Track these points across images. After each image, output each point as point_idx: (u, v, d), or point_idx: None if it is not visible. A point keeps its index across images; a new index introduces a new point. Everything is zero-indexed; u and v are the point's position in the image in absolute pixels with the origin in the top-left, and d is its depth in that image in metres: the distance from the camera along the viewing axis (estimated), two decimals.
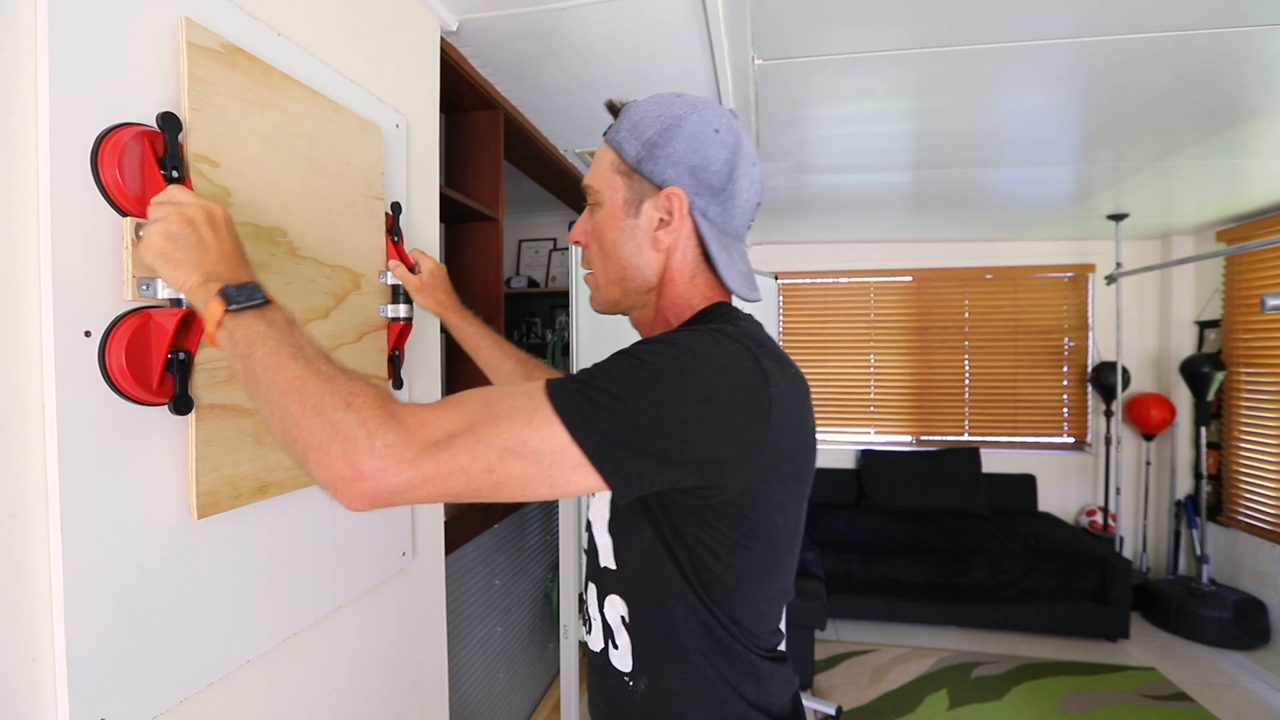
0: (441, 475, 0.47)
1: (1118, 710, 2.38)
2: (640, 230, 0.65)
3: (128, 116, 0.62)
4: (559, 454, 0.49)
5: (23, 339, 0.56)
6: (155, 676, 0.65)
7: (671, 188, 0.63)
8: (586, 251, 0.71)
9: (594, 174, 0.68)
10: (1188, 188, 2.61)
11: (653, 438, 0.49)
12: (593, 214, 0.69)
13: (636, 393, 0.50)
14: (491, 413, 0.49)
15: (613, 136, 0.67)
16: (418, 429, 0.47)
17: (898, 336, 3.89)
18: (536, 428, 0.48)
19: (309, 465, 0.47)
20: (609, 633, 0.67)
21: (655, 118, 0.64)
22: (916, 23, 1.33)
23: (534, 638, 2.06)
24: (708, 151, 0.63)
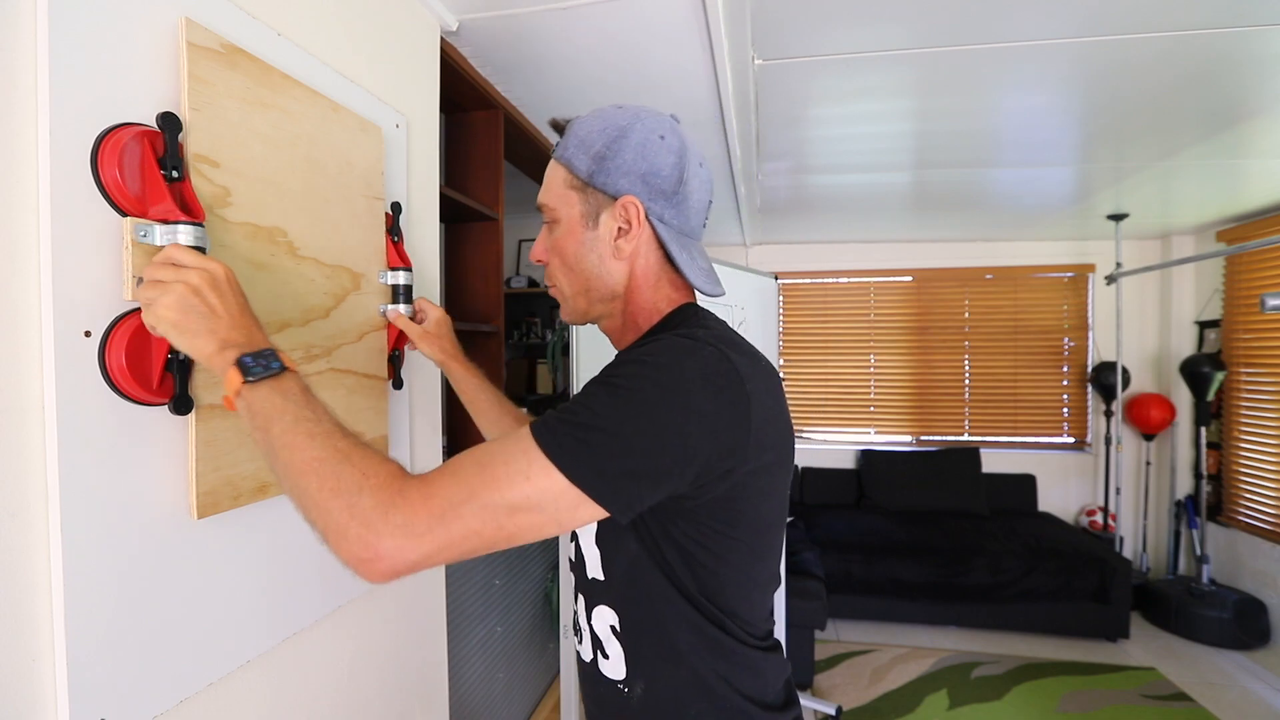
0: (455, 542, 0.50)
1: (1118, 710, 2.38)
2: (600, 241, 0.67)
3: (128, 116, 0.62)
4: (561, 498, 0.51)
5: (23, 339, 0.56)
6: (155, 676, 0.65)
7: (626, 196, 0.65)
8: (549, 268, 0.73)
9: (547, 193, 0.70)
10: (1188, 188, 2.61)
11: (645, 460, 0.52)
12: (551, 231, 0.71)
13: (622, 420, 0.52)
14: (490, 474, 0.51)
15: (561, 154, 0.68)
16: (423, 502, 0.49)
17: (898, 336, 3.89)
18: (535, 480, 0.50)
19: (329, 544, 0.49)
20: (598, 643, 0.68)
21: (600, 131, 0.66)
22: (916, 23, 1.33)
23: (534, 638, 2.06)
24: (656, 158, 0.65)
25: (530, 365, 3.44)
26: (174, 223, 0.63)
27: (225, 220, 0.71)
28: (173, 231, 0.63)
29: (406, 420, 1.13)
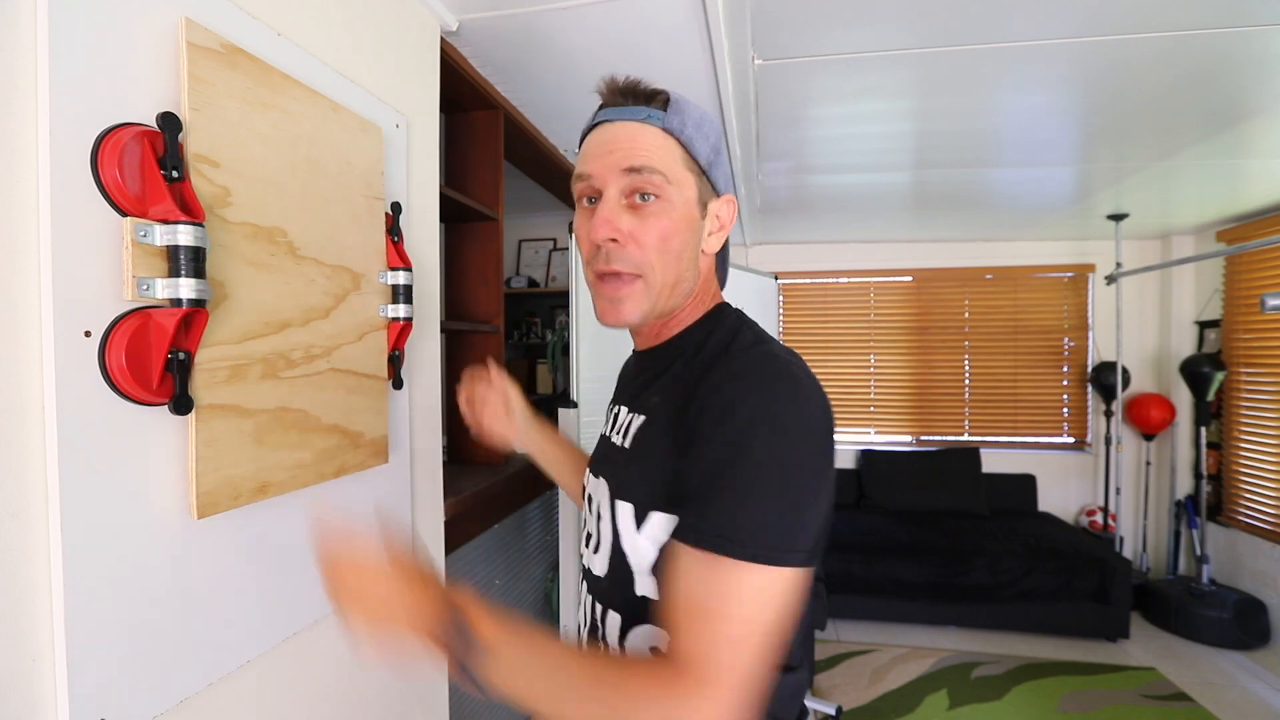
0: (747, 683, 0.47)
1: (1118, 710, 2.38)
2: (701, 234, 0.63)
3: (128, 116, 0.62)
4: (792, 586, 0.50)
5: (23, 339, 0.56)
6: (155, 676, 0.65)
7: (729, 195, 0.64)
8: (631, 248, 0.60)
9: (657, 160, 0.59)
10: (1188, 188, 2.61)
11: (816, 512, 0.51)
12: (645, 211, 0.60)
13: (788, 491, 0.50)
14: (744, 626, 0.48)
15: (678, 129, 0.60)
16: (698, 679, 0.46)
17: (898, 336, 3.89)
18: (773, 595, 0.49)
19: None
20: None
21: (711, 123, 0.63)
22: (916, 23, 1.33)
23: None
24: (729, 167, 0.66)
25: (530, 365, 3.44)
26: (174, 223, 0.63)
27: (225, 220, 0.71)
28: (173, 231, 0.63)
29: (406, 420, 1.13)
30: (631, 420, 0.65)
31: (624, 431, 0.66)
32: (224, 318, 0.71)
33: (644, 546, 0.58)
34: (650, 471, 0.59)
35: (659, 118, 0.60)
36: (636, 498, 0.59)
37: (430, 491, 1.23)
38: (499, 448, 0.92)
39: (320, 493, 0.90)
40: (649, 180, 0.59)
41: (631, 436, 0.63)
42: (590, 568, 0.67)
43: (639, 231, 0.60)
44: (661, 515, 0.57)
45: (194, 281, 0.64)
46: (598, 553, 0.65)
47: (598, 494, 0.66)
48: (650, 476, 0.59)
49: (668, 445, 0.57)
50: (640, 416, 0.64)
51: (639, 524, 0.59)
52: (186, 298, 0.63)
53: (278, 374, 0.79)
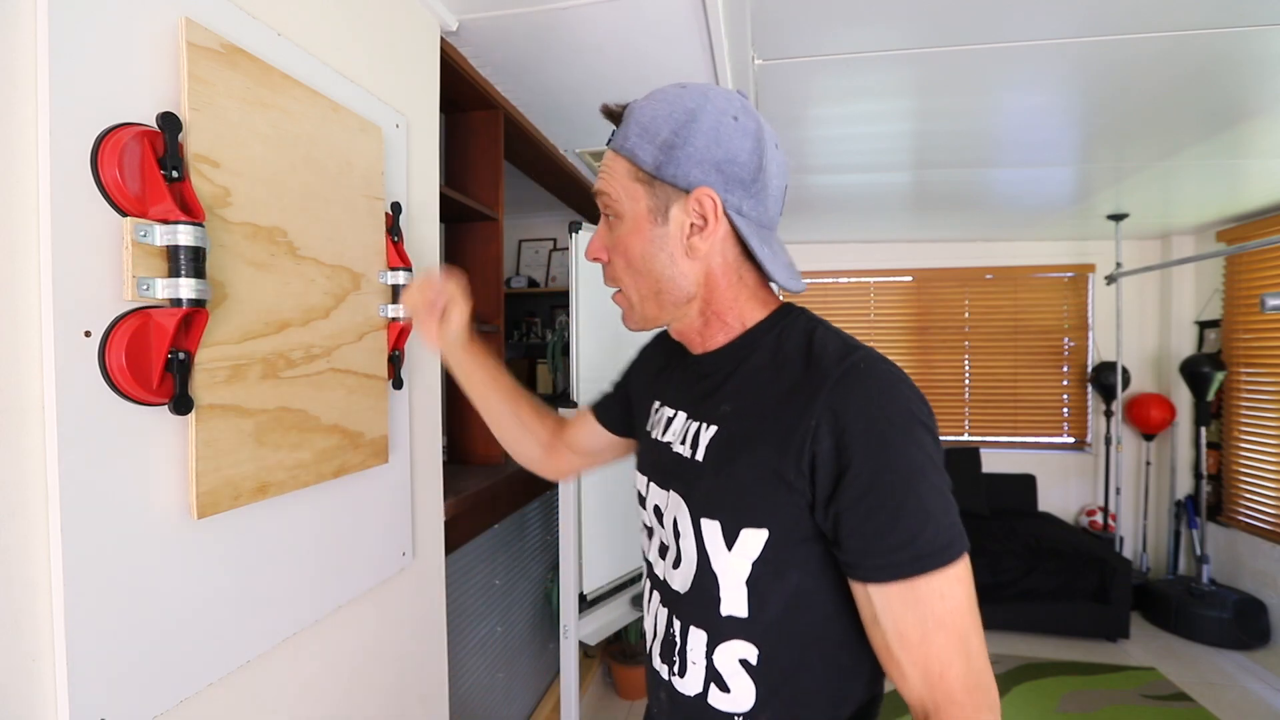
0: (988, 670, 0.52)
1: (1118, 710, 2.38)
2: (671, 238, 0.60)
3: (128, 116, 0.62)
4: (969, 567, 0.53)
5: (23, 339, 0.56)
6: (155, 676, 0.65)
7: (700, 189, 0.58)
8: (609, 268, 0.65)
9: (608, 180, 0.62)
10: (1188, 188, 2.61)
11: (953, 508, 0.54)
12: (612, 227, 0.63)
13: (941, 486, 0.53)
14: (964, 620, 0.51)
15: (621, 144, 0.61)
16: (968, 698, 0.51)
17: (898, 336, 3.89)
18: (968, 581, 0.52)
19: None
20: (715, 677, 0.62)
21: (666, 115, 0.58)
22: (916, 23, 1.33)
23: (534, 638, 2.06)
24: (731, 143, 0.58)
25: (530, 365, 3.44)
26: (174, 223, 0.63)
27: (225, 220, 0.71)
28: (173, 231, 0.63)
29: (406, 420, 1.13)
30: (700, 430, 0.63)
31: (690, 441, 0.64)
32: (224, 318, 0.71)
33: (737, 564, 0.58)
34: (734, 487, 0.58)
35: (617, 137, 0.62)
36: (722, 516, 0.59)
37: (430, 491, 1.23)
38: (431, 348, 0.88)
39: (319, 494, 0.90)
40: (604, 199, 0.63)
41: (704, 449, 0.62)
42: (668, 580, 0.66)
43: (612, 251, 0.64)
44: (751, 531, 0.57)
45: (194, 281, 0.64)
46: (678, 568, 0.64)
47: (671, 509, 0.65)
48: (735, 491, 0.58)
49: (761, 461, 0.56)
50: (711, 427, 0.62)
51: (729, 544, 0.58)
52: (186, 298, 0.63)
53: (278, 374, 0.79)
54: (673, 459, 0.66)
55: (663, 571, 0.67)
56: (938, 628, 0.50)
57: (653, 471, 0.70)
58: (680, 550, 0.63)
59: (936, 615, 0.50)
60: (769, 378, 0.59)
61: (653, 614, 0.69)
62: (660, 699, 0.68)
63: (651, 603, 0.70)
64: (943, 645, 0.50)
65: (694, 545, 0.61)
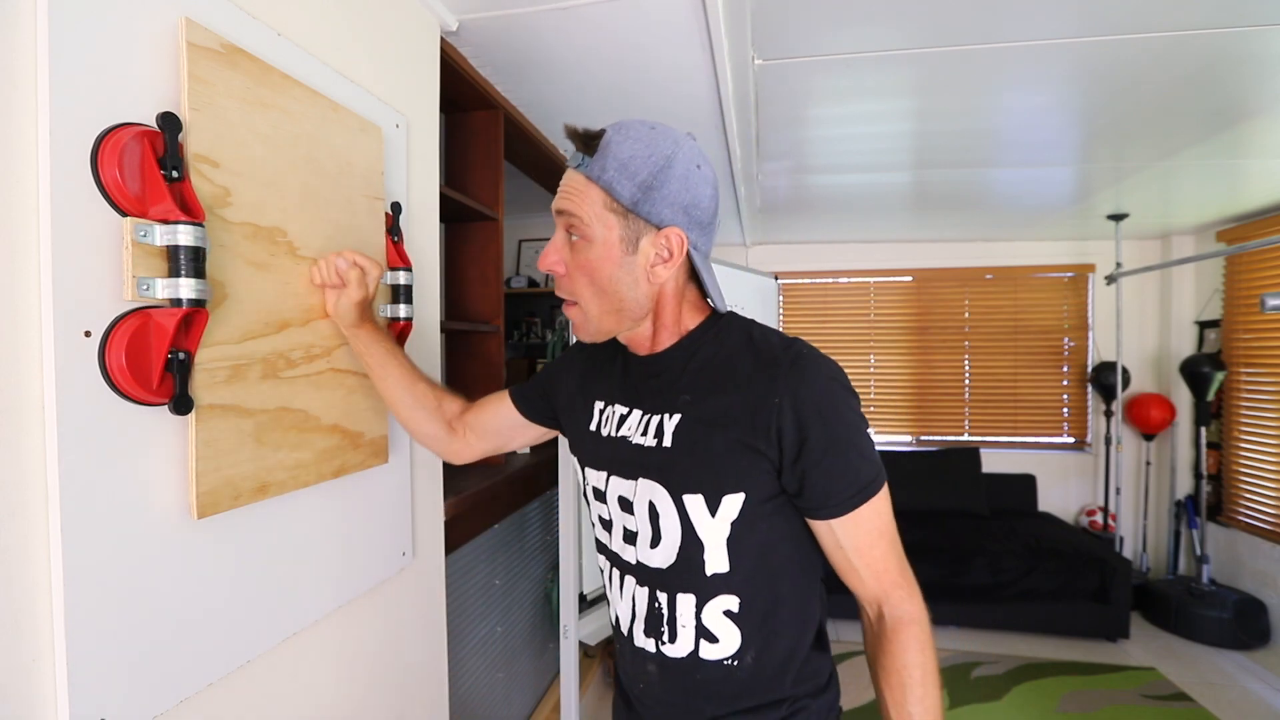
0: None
1: (1118, 710, 2.38)
2: (637, 266, 0.68)
3: (128, 116, 0.62)
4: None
5: (23, 339, 0.56)
6: (155, 676, 0.65)
7: (672, 229, 0.67)
8: (566, 281, 0.71)
9: (577, 204, 0.67)
10: (1188, 188, 2.61)
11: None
12: (575, 247, 0.69)
13: (867, 431, 0.69)
14: (893, 530, 0.69)
15: (599, 175, 0.66)
16: (907, 581, 0.69)
17: (898, 336, 3.89)
18: (888, 499, 0.69)
19: None
20: (703, 633, 0.71)
21: (645, 158, 0.65)
22: (917, 23, 1.33)
23: (534, 638, 2.06)
24: (696, 190, 0.68)
25: (530, 365, 3.44)
26: (174, 223, 0.63)
27: (225, 220, 0.71)
28: (173, 231, 0.63)
29: None
30: (661, 421, 0.71)
31: (653, 431, 0.72)
32: (224, 318, 0.71)
33: (719, 528, 0.68)
34: (710, 461, 0.67)
35: (583, 163, 0.67)
36: (705, 488, 0.67)
37: (430, 491, 1.23)
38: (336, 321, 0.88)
39: (319, 494, 0.90)
40: (570, 222, 0.68)
41: (671, 435, 0.70)
42: (644, 562, 0.73)
43: (573, 267, 0.70)
44: (731, 497, 0.67)
45: (194, 281, 0.64)
46: (657, 546, 0.71)
47: (643, 494, 0.72)
48: (712, 465, 0.67)
49: (733, 437, 0.66)
50: (674, 416, 0.70)
51: (713, 511, 0.68)
52: (186, 298, 0.63)
53: (278, 374, 0.79)
54: (634, 450, 0.73)
55: (635, 555, 0.74)
56: (879, 537, 0.67)
57: (612, 466, 0.76)
58: (660, 529, 0.71)
59: (877, 528, 0.67)
60: (720, 369, 0.70)
61: (628, 598, 0.76)
62: (648, 673, 0.75)
63: (624, 588, 0.76)
64: (884, 549, 0.67)
65: (676, 521, 0.69)
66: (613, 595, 0.79)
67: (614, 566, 0.78)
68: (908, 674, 0.67)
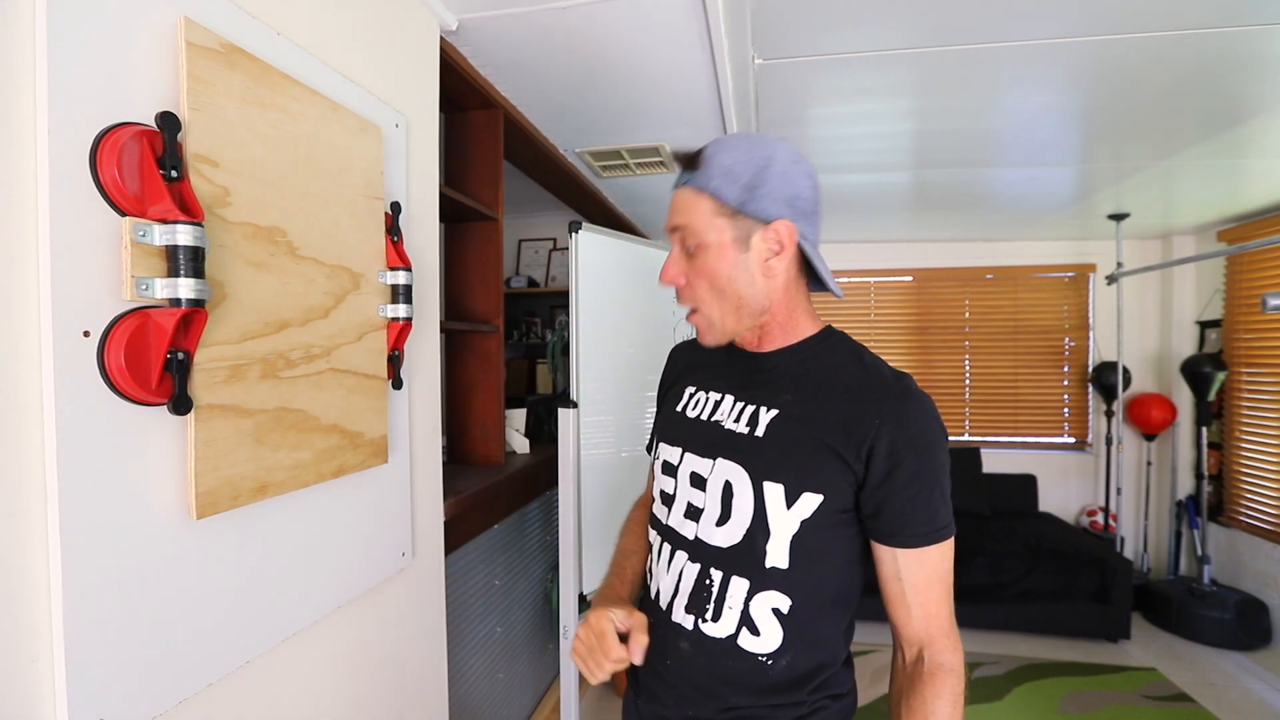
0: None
1: (1119, 711, 2.38)
2: (752, 262, 0.72)
3: (127, 116, 0.62)
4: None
5: (21, 339, 0.56)
6: (154, 677, 0.65)
7: (780, 220, 0.71)
8: (687, 290, 0.76)
9: (688, 217, 0.73)
10: (1189, 187, 2.61)
11: None
12: (692, 256, 0.74)
13: (949, 482, 0.72)
14: (950, 579, 0.72)
15: (705, 184, 0.71)
16: (952, 630, 0.72)
17: (898, 336, 3.89)
18: (951, 564, 0.72)
19: None
20: (747, 621, 0.73)
21: (746, 162, 0.71)
22: (917, 23, 1.33)
23: (534, 638, 2.06)
24: (798, 183, 0.73)
25: (530, 365, 3.44)
26: (173, 222, 0.63)
27: (225, 220, 0.71)
28: (172, 231, 0.63)
29: (406, 420, 1.13)
30: (758, 411, 0.75)
31: (747, 420, 0.75)
32: (223, 318, 0.71)
33: (790, 523, 0.70)
34: (797, 459, 0.71)
35: (689, 178, 0.73)
36: (786, 479, 0.70)
37: (430, 491, 1.23)
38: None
39: (318, 494, 0.90)
40: (686, 235, 0.74)
41: (764, 426, 0.73)
42: (704, 539, 0.76)
43: (692, 276, 0.75)
44: (810, 495, 0.70)
45: (193, 281, 0.64)
46: (723, 525, 0.74)
47: (719, 474, 0.75)
48: (798, 461, 0.70)
49: (825, 441, 0.70)
50: (771, 410, 0.74)
51: (790, 503, 0.70)
52: (186, 298, 0.63)
53: (277, 374, 0.79)
54: (723, 434, 0.76)
55: (695, 531, 0.77)
56: (938, 581, 0.70)
57: (691, 444, 0.80)
58: (731, 509, 0.74)
59: (938, 573, 0.70)
60: (826, 378, 0.73)
61: (674, 573, 0.78)
62: (679, 650, 0.77)
63: (673, 563, 0.78)
64: (940, 594, 0.70)
65: (750, 504, 0.72)
66: (657, 570, 0.81)
67: (665, 540, 0.80)
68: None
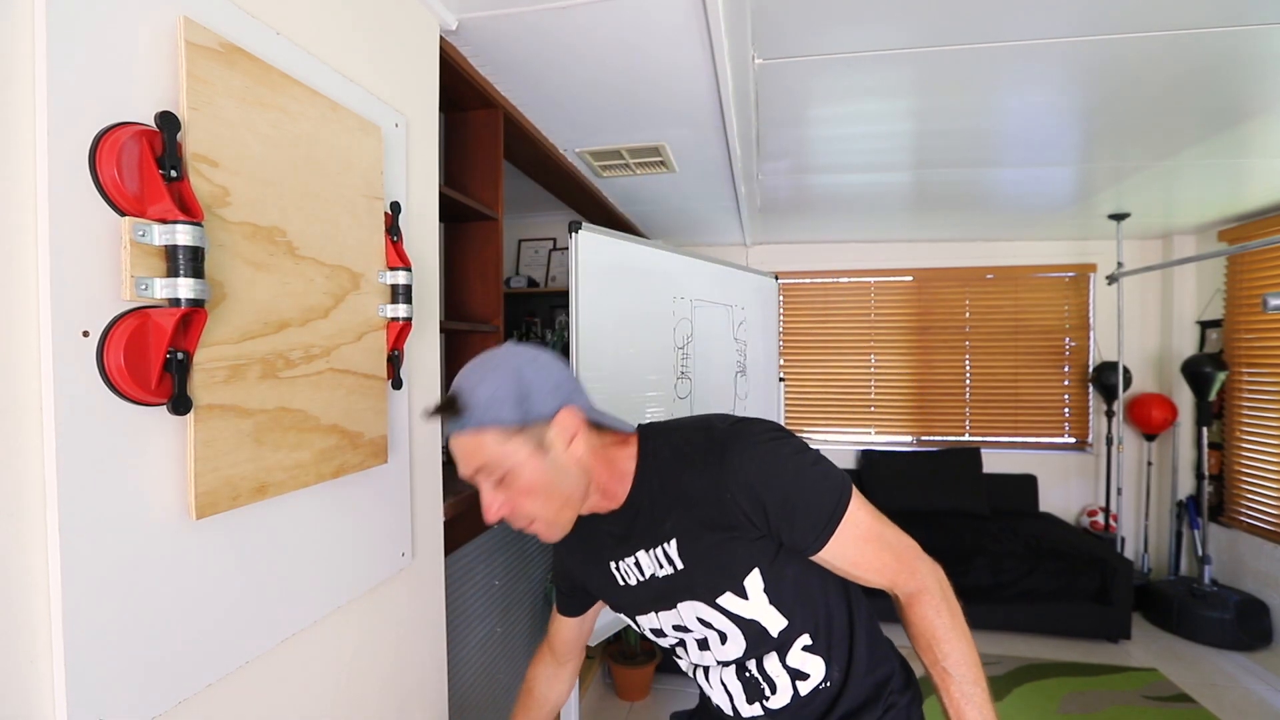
0: (909, 544, 0.80)
1: (1119, 711, 2.38)
2: (559, 457, 0.74)
3: (126, 116, 0.62)
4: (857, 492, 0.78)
5: (21, 339, 0.55)
6: (154, 677, 0.65)
7: (561, 410, 0.74)
8: (519, 513, 0.76)
9: (481, 457, 0.72)
10: (1189, 187, 2.60)
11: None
12: (504, 485, 0.74)
13: (815, 456, 0.77)
14: (881, 527, 0.78)
15: (480, 422, 0.71)
16: (917, 567, 0.79)
17: (898, 336, 3.89)
18: (864, 502, 0.77)
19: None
20: (796, 675, 0.81)
21: (502, 384, 0.71)
22: (917, 22, 1.33)
23: (534, 638, 2.06)
24: (551, 371, 0.75)
25: None
26: (172, 222, 0.63)
27: (224, 220, 0.71)
28: (171, 231, 0.63)
29: (406, 420, 1.13)
30: (663, 549, 0.80)
31: (665, 562, 0.80)
32: (223, 318, 0.71)
33: (759, 602, 0.77)
34: (721, 559, 0.76)
35: (460, 425, 0.72)
36: (727, 584, 0.77)
37: (430, 492, 1.23)
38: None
39: (318, 494, 0.90)
40: (488, 473, 0.73)
41: (678, 556, 0.79)
42: (723, 659, 0.84)
43: (514, 501, 0.75)
44: (751, 576, 0.76)
45: (192, 281, 0.64)
46: (726, 643, 0.82)
47: (689, 614, 0.82)
48: (723, 562, 0.76)
49: (722, 531, 0.75)
50: (671, 541, 0.79)
51: (745, 596, 0.77)
52: (185, 297, 0.63)
53: (277, 374, 0.79)
54: (662, 583, 0.82)
55: (713, 657, 0.84)
56: (866, 544, 0.75)
57: (651, 605, 0.85)
58: (720, 630, 0.81)
59: (859, 538, 0.74)
60: (675, 488, 0.77)
61: (721, 686, 0.86)
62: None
63: (714, 679, 0.86)
64: (875, 550, 0.75)
65: (726, 620, 0.79)
66: (709, 690, 0.88)
67: (703, 680, 0.88)
68: (931, 633, 0.76)
